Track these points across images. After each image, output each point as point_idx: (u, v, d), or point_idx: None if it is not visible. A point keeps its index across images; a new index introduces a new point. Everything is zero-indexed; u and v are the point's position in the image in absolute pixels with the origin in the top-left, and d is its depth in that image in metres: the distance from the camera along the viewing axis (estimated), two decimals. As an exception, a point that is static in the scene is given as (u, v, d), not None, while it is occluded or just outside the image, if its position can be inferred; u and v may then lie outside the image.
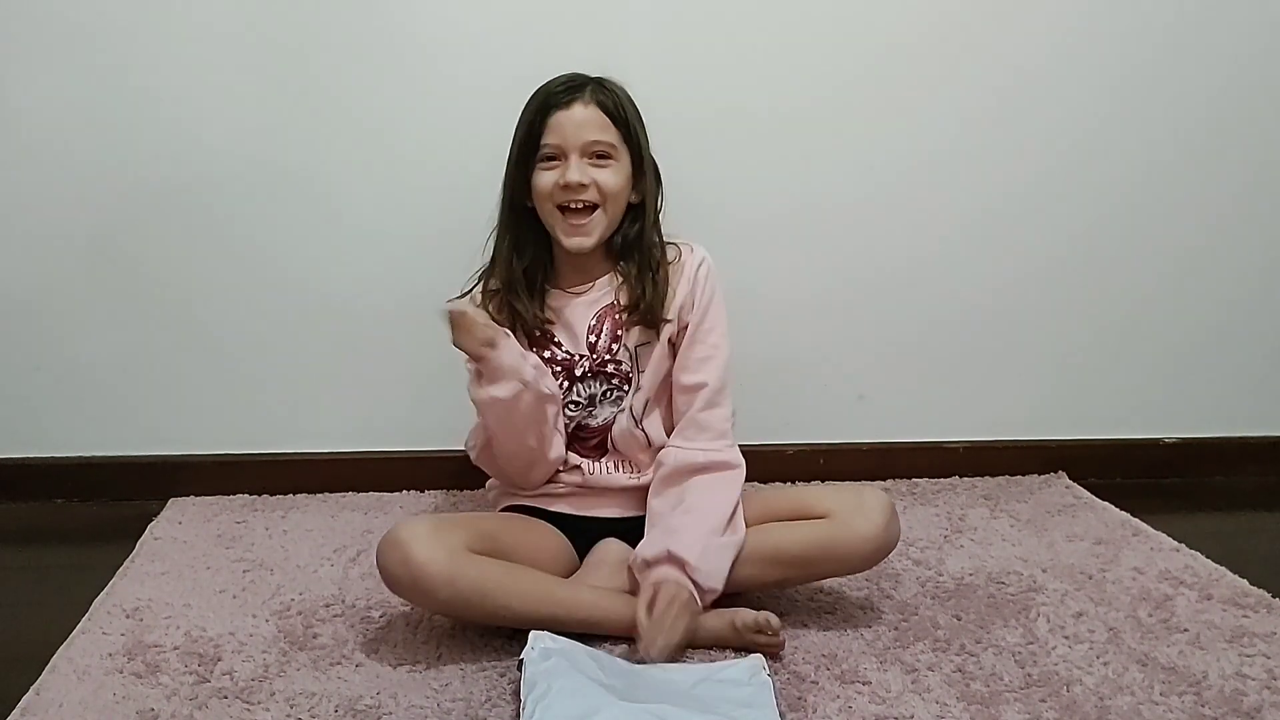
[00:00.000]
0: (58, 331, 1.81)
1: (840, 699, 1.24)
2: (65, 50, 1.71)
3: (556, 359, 1.44)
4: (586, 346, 1.44)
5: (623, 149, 1.40)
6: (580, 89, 1.38)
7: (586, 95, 1.38)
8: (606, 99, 1.39)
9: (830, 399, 1.97)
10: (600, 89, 1.39)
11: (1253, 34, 1.90)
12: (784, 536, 1.38)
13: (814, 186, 1.87)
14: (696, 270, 1.46)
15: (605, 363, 1.44)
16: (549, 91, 1.39)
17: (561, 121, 1.37)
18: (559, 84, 1.39)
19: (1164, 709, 1.23)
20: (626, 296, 1.44)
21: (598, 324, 1.44)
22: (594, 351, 1.44)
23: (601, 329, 1.44)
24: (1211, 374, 2.05)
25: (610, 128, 1.39)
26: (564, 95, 1.38)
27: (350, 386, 1.87)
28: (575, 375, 1.44)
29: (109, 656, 1.31)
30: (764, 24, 1.80)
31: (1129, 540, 1.71)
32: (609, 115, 1.38)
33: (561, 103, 1.37)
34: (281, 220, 1.80)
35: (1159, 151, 1.94)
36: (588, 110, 1.37)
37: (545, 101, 1.39)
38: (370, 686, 1.25)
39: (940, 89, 1.86)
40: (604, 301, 1.45)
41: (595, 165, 1.38)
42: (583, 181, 1.37)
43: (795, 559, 1.38)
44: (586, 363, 1.44)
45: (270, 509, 1.81)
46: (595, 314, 1.45)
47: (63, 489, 1.85)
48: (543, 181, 1.39)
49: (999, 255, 1.95)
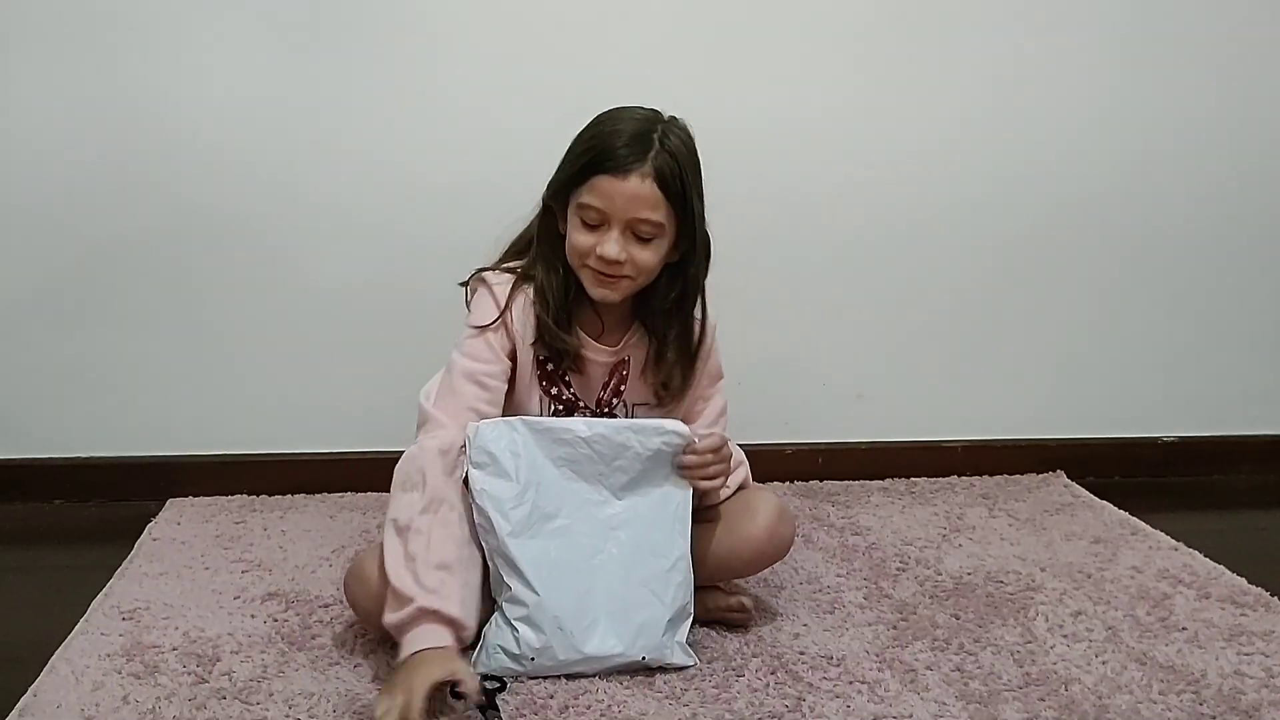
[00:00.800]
0: (56, 331, 1.81)
1: (839, 698, 1.24)
2: (63, 48, 1.70)
3: (561, 398, 1.39)
4: (595, 401, 1.41)
5: (671, 223, 1.29)
6: (642, 157, 1.25)
7: (647, 165, 1.25)
8: (666, 168, 1.26)
9: (829, 398, 1.97)
10: (662, 153, 1.26)
11: (1256, 25, 1.90)
12: None
13: (813, 185, 1.87)
14: (709, 338, 1.42)
15: (601, 414, 1.41)
16: (607, 149, 1.26)
17: (612, 191, 1.25)
18: (620, 140, 1.26)
19: (1162, 708, 1.23)
20: (654, 373, 1.38)
21: (609, 379, 1.41)
22: (598, 405, 1.41)
23: (610, 383, 1.41)
24: (1210, 373, 2.05)
25: (662, 204, 1.27)
26: (621, 163, 1.25)
27: (350, 386, 1.86)
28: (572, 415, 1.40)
29: (107, 657, 1.31)
30: (764, 22, 1.80)
31: (1127, 539, 1.72)
32: (664, 189, 1.26)
33: (616, 170, 1.25)
34: (281, 220, 1.80)
35: (1158, 151, 1.94)
36: (643, 185, 1.25)
37: (599, 161, 1.26)
38: (369, 686, 1.25)
39: (938, 88, 1.86)
40: (621, 357, 1.40)
41: (637, 240, 1.28)
42: (619, 259, 1.27)
43: (704, 562, 1.36)
44: (588, 411, 1.40)
45: (269, 509, 1.81)
46: (610, 370, 1.40)
47: (61, 489, 1.85)
48: (579, 242, 1.30)
49: (998, 255, 1.95)
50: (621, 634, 1.26)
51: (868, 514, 1.81)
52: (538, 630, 1.24)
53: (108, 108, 1.73)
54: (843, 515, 1.80)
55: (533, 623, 1.24)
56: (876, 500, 1.88)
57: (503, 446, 1.27)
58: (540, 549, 1.26)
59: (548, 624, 1.24)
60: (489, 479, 1.26)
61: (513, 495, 1.26)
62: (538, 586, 1.24)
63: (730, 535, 1.38)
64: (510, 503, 1.26)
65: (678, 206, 1.28)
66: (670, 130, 1.29)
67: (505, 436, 1.28)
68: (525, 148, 1.69)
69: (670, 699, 1.24)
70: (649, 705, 1.22)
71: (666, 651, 1.28)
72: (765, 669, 1.30)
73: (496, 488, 1.26)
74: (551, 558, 1.26)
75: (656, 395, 1.41)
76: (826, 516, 1.79)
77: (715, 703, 1.23)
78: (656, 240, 1.29)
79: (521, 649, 1.24)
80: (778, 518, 1.38)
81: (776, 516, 1.38)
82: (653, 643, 1.27)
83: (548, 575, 1.25)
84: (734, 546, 1.38)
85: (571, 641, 1.25)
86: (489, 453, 1.26)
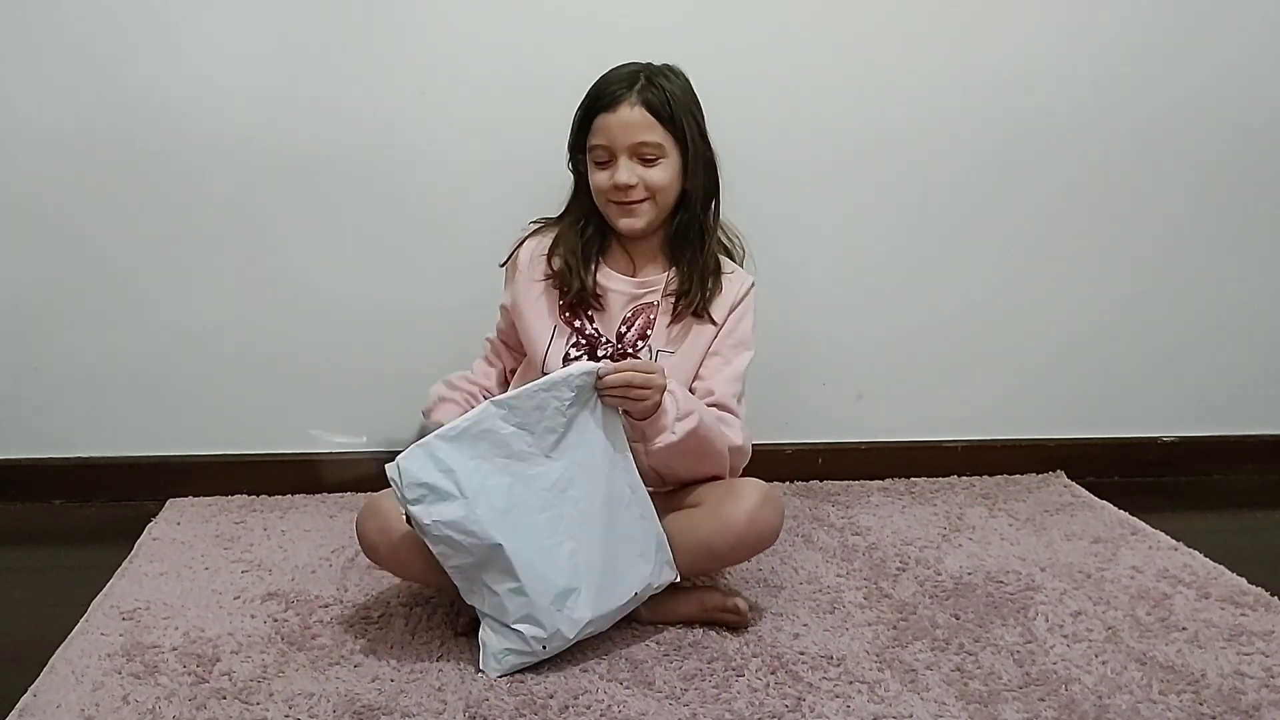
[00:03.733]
0: (56, 332, 1.81)
1: (839, 698, 1.24)
2: (61, 48, 1.70)
3: (585, 332, 1.45)
4: (615, 335, 1.45)
5: (672, 145, 1.41)
6: (628, 89, 1.39)
7: (633, 96, 1.38)
8: (654, 96, 1.39)
9: (829, 398, 1.97)
10: (649, 86, 1.39)
11: (1254, 26, 1.90)
12: (671, 522, 1.38)
13: (813, 185, 1.87)
14: (743, 289, 1.49)
15: (625, 354, 1.44)
16: (599, 92, 1.41)
17: (609, 124, 1.39)
18: (609, 82, 1.41)
19: (1162, 707, 1.23)
20: (677, 285, 1.45)
21: (633, 317, 1.46)
22: (620, 340, 1.45)
23: (634, 323, 1.46)
24: (1209, 373, 2.05)
25: (656, 127, 1.39)
26: (610, 98, 1.39)
27: (350, 387, 1.86)
28: (595, 355, 1.44)
29: (107, 657, 1.31)
30: (763, 21, 1.80)
31: (1127, 539, 1.72)
32: (655, 114, 1.39)
33: (608, 105, 1.39)
34: (281, 221, 1.80)
35: (1157, 150, 1.94)
36: (634, 112, 1.38)
37: (594, 103, 1.41)
38: (369, 686, 1.25)
39: (940, 82, 1.86)
40: (647, 299, 1.46)
41: (644, 164, 1.40)
42: (630, 183, 1.39)
43: (686, 548, 1.36)
44: (609, 348, 1.44)
45: (269, 509, 1.81)
46: (634, 308, 1.46)
47: (61, 489, 1.85)
48: (597, 180, 1.43)
49: (997, 254, 1.95)
50: (612, 587, 1.29)
51: (868, 514, 1.81)
52: (537, 624, 1.25)
53: (105, 107, 1.73)
54: (843, 515, 1.80)
55: (531, 618, 1.25)
56: (876, 500, 1.88)
57: (431, 470, 1.22)
58: (513, 545, 1.24)
59: (544, 612, 1.25)
60: (433, 508, 1.22)
61: (465, 512, 1.22)
62: (524, 580, 1.24)
63: (711, 519, 1.37)
64: (467, 520, 1.22)
65: (674, 130, 1.40)
66: (656, 69, 1.43)
67: (429, 460, 1.22)
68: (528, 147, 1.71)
69: (670, 699, 1.24)
70: (649, 705, 1.22)
71: (653, 579, 1.33)
72: (765, 669, 1.30)
73: (444, 512, 1.22)
74: (522, 546, 1.24)
75: (696, 315, 1.44)
76: (826, 516, 1.79)
77: (715, 703, 1.23)
78: (661, 161, 1.40)
79: (531, 646, 1.25)
80: (761, 502, 1.36)
81: (760, 500, 1.36)
82: (643, 576, 1.31)
83: (526, 566, 1.24)
84: (715, 530, 1.36)
85: (571, 616, 1.26)
86: (423, 484, 1.22)
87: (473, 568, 1.25)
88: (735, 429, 1.42)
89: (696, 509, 1.39)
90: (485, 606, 1.27)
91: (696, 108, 1.43)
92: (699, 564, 1.40)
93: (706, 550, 1.38)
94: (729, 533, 1.36)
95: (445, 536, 1.22)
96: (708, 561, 1.41)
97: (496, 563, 1.24)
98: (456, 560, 1.25)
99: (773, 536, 1.39)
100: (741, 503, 1.36)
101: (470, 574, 1.26)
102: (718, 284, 1.46)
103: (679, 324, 1.45)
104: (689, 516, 1.38)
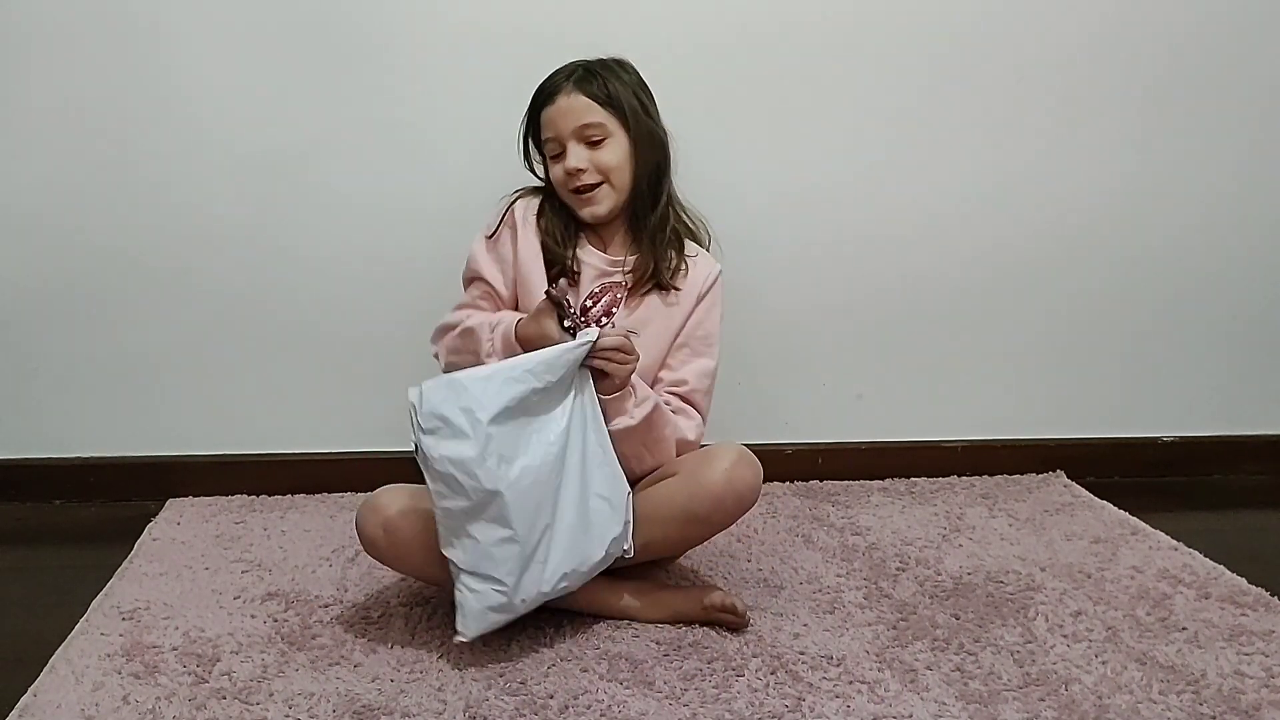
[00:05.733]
0: (56, 333, 1.81)
1: (839, 698, 1.24)
2: (63, 48, 1.70)
3: None
4: (580, 308, 1.46)
5: (616, 125, 1.43)
6: (566, 80, 1.43)
7: (570, 85, 1.43)
8: (591, 83, 1.43)
9: (829, 398, 1.97)
10: (587, 76, 1.43)
11: (1252, 26, 1.90)
12: (649, 495, 1.39)
13: (813, 185, 1.87)
14: (710, 276, 1.50)
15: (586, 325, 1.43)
16: (540, 89, 1.46)
17: (553, 116, 1.44)
18: (549, 78, 1.45)
19: (1162, 707, 1.23)
20: (637, 262, 1.47)
21: (600, 293, 1.47)
22: (584, 314, 1.45)
23: (600, 299, 1.47)
24: (1209, 373, 2.05)
25: (596, 108, 1.42)
26: (549, 91, 1.44)
27: (348, 387, 1.86)
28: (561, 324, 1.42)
29: (107, 657, 1.31)
30: (763, 19, 1.80)
31: (1127, 539, 1.72)
32: (592, 96, 1.42)
33: (548, 98, 1.44)
34: (280, 221, 1.80)
35: (1156, 150, 1.94)
36: (572, 99, 1.42)
37: (536, 100, 1.46)
38: (369, 686, 1.26)
39: (939, 87, 1.86)
40: (615, 278, 1.48)
41: (591, 146, 1.43)
42: (581, 166, 1.42)
43: (667, 517, 1.37)
44: (574, 319, 1.41)
45: (268, 509, 1.81)
46: (602, 284, 1.47)
47: (61, 489, 1.85)
48: (555, 174, 1.46)
49: (997, 254, 1.95)
50: (588, 543, 1.31)
51: (867, 514, 1.81)
52: (516, 576, 1.25)
53: (107, 108, 1.73)
54: (842, 515, 1.80)
55: (516, 570, 1.25)
56: (876, 500, 1.88)
57: (452, 405, 1.22)
58: (512, 495, 1.23)
59: (528, 565, 1.26)
60: (444, 443, 1.22)
61: (475, 453, 1.22)
62: (517, 529, 1.24)
63: (688, 483, 1.37)
64: (474, 462, 1.22)
65: (615, 110, 1.43)
66: (596, 60, 1.46)
67: (452, 395, 1.23)
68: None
69: (670, 699, 1.24)
70: (649, 705, 1.22)
71: (624, 540, 1.35)
72: (765, 669, 1.30)
73: (455, 450, 1.21)
74: (519, 497, 1.24)
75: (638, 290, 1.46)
76: (826, 516, 1.79)
77: (715, 703, 1.23)
78: (607, 141, 1.43)
79: (509, 599, 1.26)
80: (737, 460, 1.36)
81: (735, 459, 1.36)
82: (614, 535, 1.33)
83: (520, 517, 1.24)
84: (692, 494, 1.36)
85: (543, 574, 1.27)
86: (440, 416, 1.22)
87: (463, 513, 1.24)
88: (692, 424, 1.45)
89: (672, 478, 1.39)
90: (462, 558, 1.25)
91: (642, 90, 1.47)
92: (681, 532, 1.41)
93: (687, 516, 1.38)
94: (707, 495, 1.36)
95: (448, 474, 1.22)
96: (690, 528, 1.41)
97: (490, 511, 1.23)
98: (450, 502, 1.23)
99: (752, 496, 1.38)
100: (717, 463, 1.37)
101: (458, 519, 1.24)
102: (681, 258, 1.48)
103: (643, 303, 1.47)
104: (665, 486, 1.39)
